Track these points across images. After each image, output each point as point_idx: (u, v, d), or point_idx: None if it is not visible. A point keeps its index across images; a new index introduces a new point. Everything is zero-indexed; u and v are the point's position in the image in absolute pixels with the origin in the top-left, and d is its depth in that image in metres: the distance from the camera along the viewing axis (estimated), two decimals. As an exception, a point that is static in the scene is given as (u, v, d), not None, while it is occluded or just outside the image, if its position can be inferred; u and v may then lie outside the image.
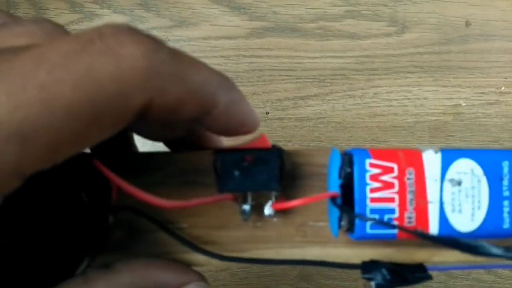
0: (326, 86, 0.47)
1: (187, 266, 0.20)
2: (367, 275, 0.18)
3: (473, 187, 0.17)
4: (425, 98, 0.47)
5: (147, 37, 0.15)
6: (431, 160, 0.17)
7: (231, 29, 0.47)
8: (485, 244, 0.15)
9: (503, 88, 0.48)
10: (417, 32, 0.48)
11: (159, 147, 0.24)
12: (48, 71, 0.13)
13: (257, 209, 0.19)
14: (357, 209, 0.17)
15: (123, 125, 0.15)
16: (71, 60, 0.13)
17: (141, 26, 0.47)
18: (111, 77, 0.14)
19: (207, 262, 0.20)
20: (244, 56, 0.47)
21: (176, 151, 0.22)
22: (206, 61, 0.18)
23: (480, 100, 0.48)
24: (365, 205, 0.17)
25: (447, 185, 0.17)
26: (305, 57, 0.47)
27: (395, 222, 0.16)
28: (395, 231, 0.17)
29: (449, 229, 0.17)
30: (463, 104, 0.48)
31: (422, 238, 0.16)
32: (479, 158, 0.17)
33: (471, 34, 0.48)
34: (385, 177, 0.17)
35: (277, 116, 0.47)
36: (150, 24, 0.47)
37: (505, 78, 0.48)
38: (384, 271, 0.18)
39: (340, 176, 0.17)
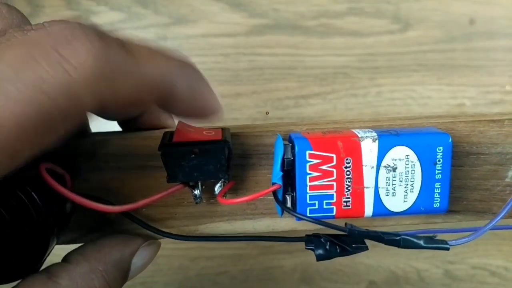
0: (328, 85, 0.47)
1: (132, 234, 0.21)
2: (310, 247, 0.20)
3: (407, 172, 0.18)
4: (429, 97, 0.47)
5: (97, 36, 0.15)
6: (369, 148, 0.18)
7: (230, 26, 0.47)
8: (407, 237, 0.17)
9: (507, 87, 0.48)
10: (420, 30, 0.47)
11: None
12: None
13: (209, 187, 0.20)
14: (298, 197, 0.19)
15: (77, 126, 0.15)
16: (19, 72, 0.14)
17: (139, 24, 0.47)
18: (60, 87, 0.14)
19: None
20: (244, 54, 0.46)
21: (128, 130, 0.23)
22: (205, 59, 0.18)
23: (484, 99, 0.47)
24: (305, 193, 0.19)
25: (382, 171, 0.18)
26: (306, 55, 0.46)
27: (333, 207, 0.19)
28: (332, 214, 0.19)
29: (383, 210, 0.18)
30: (467, 104, 0.47)
31: (350, 234, 0.18)
32: (414, 145, 0.18)
33: (475, 32, 0.47)
34: (324, 167, 0.18)
35: (277, 116, 0.46)
36: (148, 21, 0.47)
37: (510, 76, 0.48)
38: (325, 243, 0.19)
39: (282, 168, 0.19)
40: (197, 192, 0.20)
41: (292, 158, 0.19)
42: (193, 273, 0.46)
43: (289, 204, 0.20)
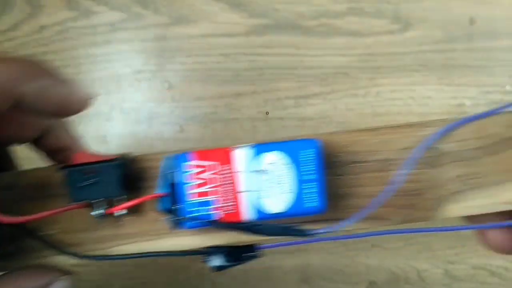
0: (328, 85, 0.47)
1: (49, 267, 0.22)
2: (207, 259, 0.21)
3: (281, 175, 0.20)
4: (429, 97, 0.47)
5: None
6: (245, 155, 0.20)
7: (230, 26, 0.47)
8: (267, 225, 0.20)
9: (507, 87, 0.48)
10: (421, 30, 0.47)
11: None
12: None
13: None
14: (180, 206, 0.20)
15: None
16: None
17: (139, 24, 0.47)
18: None
19: (75, 261, 0.22)
20: (244, 54, 0.46)
21: (46, 153, 0.25)
22: (205, 59, 0.18)
23: (485, 99, 0.47)
24: (187, 201, 0.20)
25: (257, 175, 0.20)
26: (306, 55, 0.46)
27: (216, 212, 0.20)
28: (216, 219, 0.20)
29: (262, 212, 0.20)
30: (467, 104, 0.47)
31: (219, 227, 0.20)
32: (286, 149, 0.20)
33: (475, 32, 0.47)
34: (204, 175, 0.20)
35: (277, 116, 0.46)
36: (148, 21, 0.47)
37: (510, 76, 0.48)
38: (221, 255, 0.21)
39: (168, 182, 0.21)
40: (95, 212, 0.21)
41: (172, 171, 0.21)
42: (193, 273, 0.46)
43: (176, 216, 0.21)
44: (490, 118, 0.21)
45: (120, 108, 0.46)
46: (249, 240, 0.21)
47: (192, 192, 0.20)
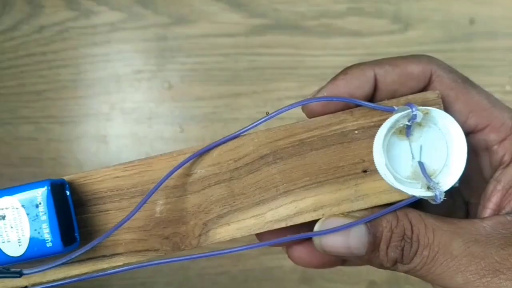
0: (328, 85, 0.47)
1: None
2: None
3: (15, 218, 0.20)
4: (429, 97, 0.47)
5: None
6: None
7: (230, 26, 0.47)
8: None
9: (507, 87, 0.48)
10: (420, 30, 0.47)
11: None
12: None
13: None
14: None
15: None
16: None
17: (139, 24, 0.47)
18: None
19: None
20: (244, 54, 0.46)
21: None
22: (205, 59, 0.18)
23: (484, 99, 0.47)
24: None
25: None
26: (306, 55, 0.46)
27: None
28: None
29: (3, 256, 0.21)
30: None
31: None
32: (18, 193, 0.21)
33: (475, 32, 0.48)
34: None
35: (278, 116, 0.46)
36: (148, 21, 0.47)
37: (510, 76, 0.48)
38: None
39: None
40: None
41: None
42: (193, 273, 0.46)
43: None
44: (241, 139, 0.22)
45: (120, 108, 0.46)
46: (22, 284, 0.22)
47: None
